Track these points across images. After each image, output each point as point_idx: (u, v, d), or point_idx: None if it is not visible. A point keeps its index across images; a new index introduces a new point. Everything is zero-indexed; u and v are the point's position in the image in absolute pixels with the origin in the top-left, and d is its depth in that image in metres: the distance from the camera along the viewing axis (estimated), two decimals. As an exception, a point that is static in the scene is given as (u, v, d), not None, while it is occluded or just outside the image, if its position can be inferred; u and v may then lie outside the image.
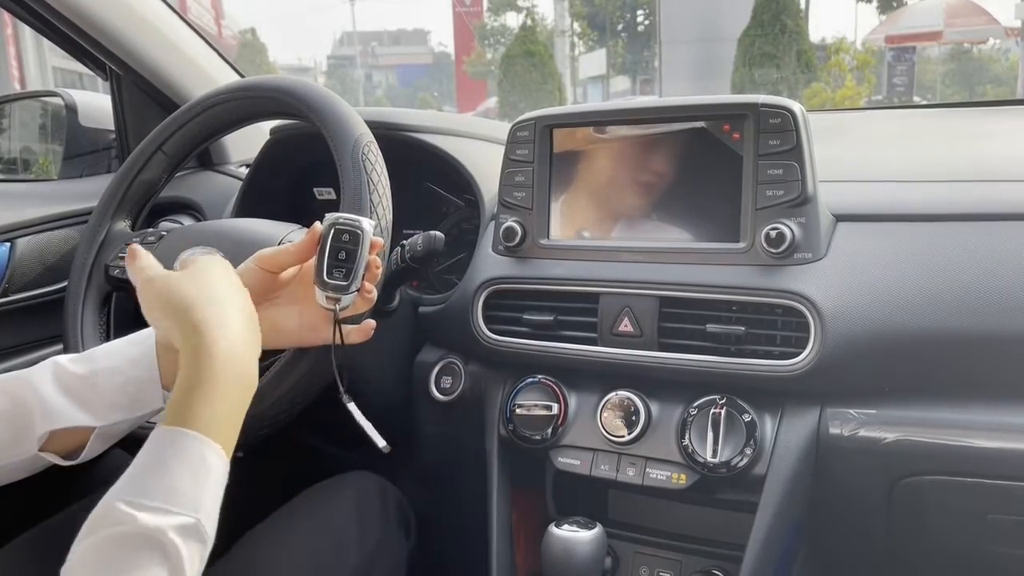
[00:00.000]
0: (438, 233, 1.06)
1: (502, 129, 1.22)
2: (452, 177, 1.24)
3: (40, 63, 14.51)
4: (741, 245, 0.95)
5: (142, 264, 0.74)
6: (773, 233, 0.92)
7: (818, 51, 16.59)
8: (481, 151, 1.26)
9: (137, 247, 0.76)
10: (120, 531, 0.56)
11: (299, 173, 1.39)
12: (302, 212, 1.42)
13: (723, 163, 0.96)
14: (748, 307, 0.95)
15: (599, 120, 1.04)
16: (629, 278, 1.00)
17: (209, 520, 0.60)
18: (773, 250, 0.92)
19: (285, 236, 1.00)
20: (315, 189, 1.40)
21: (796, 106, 0.93)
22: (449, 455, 1.24)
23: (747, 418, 0.94)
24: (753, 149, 0.94)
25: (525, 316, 1.06)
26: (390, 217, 0.93)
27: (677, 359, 0.97)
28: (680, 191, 1.00)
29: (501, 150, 1.10)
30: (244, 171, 1.49)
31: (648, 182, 1.02)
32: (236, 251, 0.99)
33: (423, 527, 1.10)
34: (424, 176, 1.30)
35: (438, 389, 1.17)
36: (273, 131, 1.33)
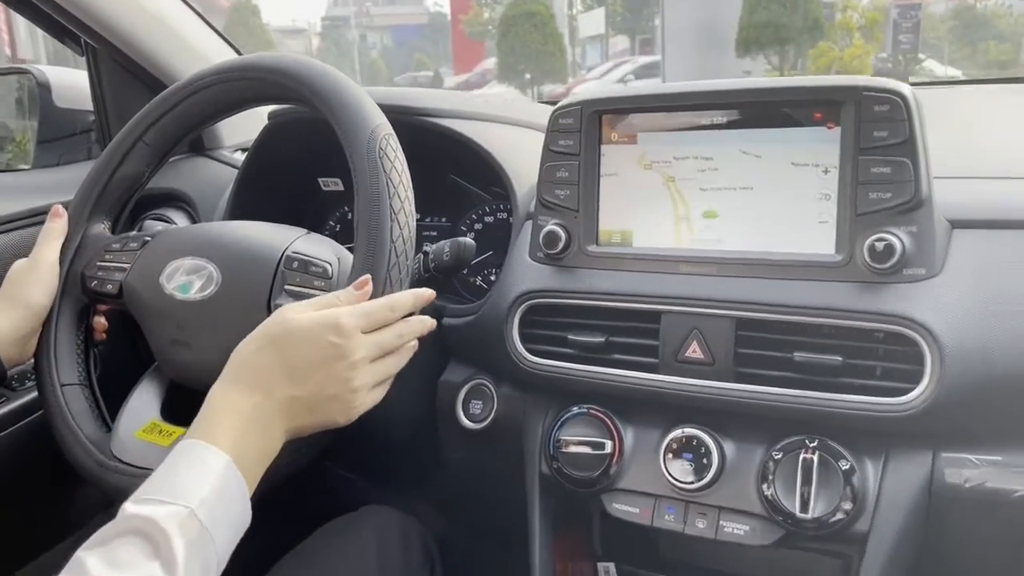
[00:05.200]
0: (468, 240, 0.90)
1: (539, 113, 1.05)
2: (478, 167, 1.07)
3: (33, 40, 14.18)
4: (837, 258, 0.79)
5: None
6: (880, 245, 0.76)
7: (824, 8, 16.21)
8: (515, 138, 1.10)
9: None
10: (116, 526, 0.59)
11: (302, 161, 1.22)
12: (306, 205, 1.27)
13: (813, 158, 0.80)
14: (845, 333, 0.79)
15: (660, 105, 0.88)
16: (697, 295, 0.85)
17: (205, 510, 0.60)
18: (878, 265, 0.77)
19: (289, 245, 0.85)
20: (320, 179, 1.24)
21: (907, 89, 0.77)
22: (478, 487, 1.10)
23: (844, 465, 0.79)
24: (853, 142, 0.78)
25: (571, 336, 0.91)
26: (413, 225, 0.78)
27: (758, 392, 0.82)
28: (759, 191, 0.84)
29: (537, 136, 0.95)
30: (240, 157, 1.34)
31: (719, 180, 0.86)
32: (231, 262, 0.85)
33: (446, 559, 0.97)
34: (444, 165, 1.14)
35: (467, 415, 1.02)
36: (272, 114, 1.16)
